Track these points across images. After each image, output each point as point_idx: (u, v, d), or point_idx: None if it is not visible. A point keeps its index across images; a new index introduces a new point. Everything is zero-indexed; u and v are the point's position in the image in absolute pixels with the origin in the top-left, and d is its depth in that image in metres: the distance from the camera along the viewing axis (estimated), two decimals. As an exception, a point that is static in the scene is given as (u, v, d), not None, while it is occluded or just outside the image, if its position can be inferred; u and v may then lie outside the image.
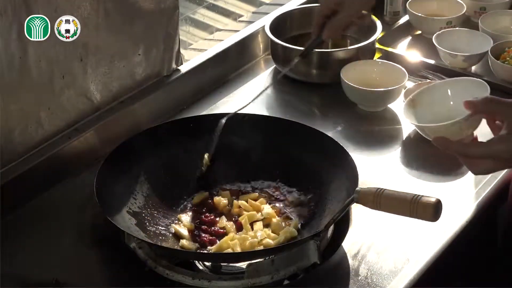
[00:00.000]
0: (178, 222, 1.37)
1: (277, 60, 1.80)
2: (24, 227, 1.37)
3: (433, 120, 1.17)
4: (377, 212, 1.25)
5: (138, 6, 1.54)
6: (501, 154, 1.08)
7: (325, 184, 1.38)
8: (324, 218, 1.33)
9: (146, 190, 1.40)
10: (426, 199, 1.19)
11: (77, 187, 1.45)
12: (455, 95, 1.19)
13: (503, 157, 1.09)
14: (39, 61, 1.38)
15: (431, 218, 1.21)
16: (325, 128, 1.57)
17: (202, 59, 1.74)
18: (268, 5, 2.48)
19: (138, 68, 1.60)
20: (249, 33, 1.84)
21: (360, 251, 1.31)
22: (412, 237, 1.34)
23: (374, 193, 1.24)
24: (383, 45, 1.86)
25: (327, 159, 1.40)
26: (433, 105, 1.21)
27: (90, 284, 1.27)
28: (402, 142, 1.60)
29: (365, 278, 1.26)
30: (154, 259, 1.26)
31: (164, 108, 1.66)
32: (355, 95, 1.67)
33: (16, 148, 1.41)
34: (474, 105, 1.10)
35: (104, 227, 1.28)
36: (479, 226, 1.40)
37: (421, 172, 1.51)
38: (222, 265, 1.29)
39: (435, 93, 1.22)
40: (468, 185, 1.46)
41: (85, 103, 1.52)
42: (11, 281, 1.25)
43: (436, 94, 1.22)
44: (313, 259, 1.25)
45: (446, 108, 1.19)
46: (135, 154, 1.42)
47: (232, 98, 1.74)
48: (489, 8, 1.96)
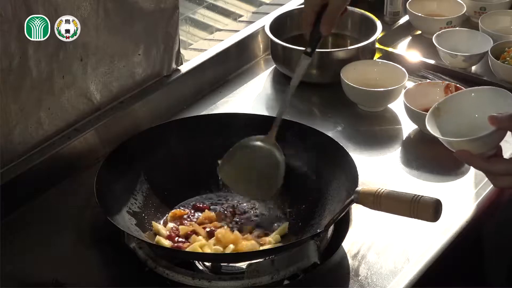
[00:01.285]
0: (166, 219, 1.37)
1: (277, 60, 1.80)
2: (24, 227, 1.37)
3: (457, 131, 1.16)
4: (377, 212, 1.25)
5: (138, 6, 1.54)
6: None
7: (325, 184, 1.38)
8: (324, 218, 1.33)
9: (146, 190, 1.40)
10: (426, 199, 1.19)
11: (77, 187, 1.45)
12: (480, 106, 1.17)
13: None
14: (39, 61, 1.38)
15: (431, 218, 1.21)
16: (325, 128, 1.57)
17: (202, 59, 1.74)
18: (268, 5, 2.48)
19: (138, 68, 1.60)
20: (249, 33, 1.84)
21: (360, 251, 1.31)
22: (412, 237, 1.34)
23: (374, 194, 1.24)
24: (383, 45, 1.86)
25: (327, 159, 1.40)
26: (458, 115, 1.19)
27: (90, 284, 1.27)
28: (402, 142, 1.60)
29: (365, 278, 1.26)
30: (154, 259, 1.26)
31: (164, 108, 1.66)
32: (355, 95, 1.67)
33: (16, 148, 1.41)
34: (499, 121, 1.09)
35: (104, 227, 1.28)
36: (479, 226, 1.40)
37: (421, 172, 1.51)
38: (222, 265, 1.29)
39: (461, 102, 1.20)
40: (468, 185, 1.47)
41: (85, 103, 1.52)
42: (11, 281, 1.25)
43: (461, 103, 1.19)
44: (313, 259, 1.25)
45: (470, 120, 1.17)
46: (135, 154, 1.42)
47: (232, 98, 1.74)
48: (489, 8, 1.96)
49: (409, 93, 1.62)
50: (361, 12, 1.81)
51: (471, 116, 1.18)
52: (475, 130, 1.12)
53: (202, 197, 1.44)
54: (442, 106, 1.19)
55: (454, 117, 1.19)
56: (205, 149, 1.46)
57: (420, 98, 1.61)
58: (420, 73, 1.77)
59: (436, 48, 1.80)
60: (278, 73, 1.81)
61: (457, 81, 1.69)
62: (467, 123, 1.17)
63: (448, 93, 1.62)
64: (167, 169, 1.44)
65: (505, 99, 1.14)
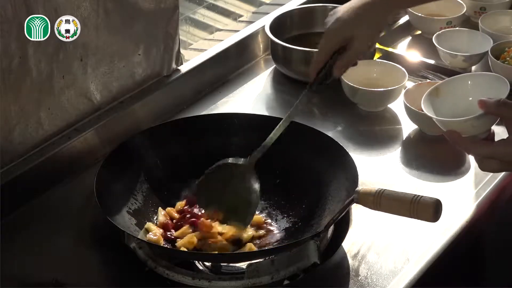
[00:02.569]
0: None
1: (277, 60, 1.80)
2: (24, 227, 1.37)
3: (452, 113, 1.18)
4: (377, 212, 1.25)
5: (138, 6, 1.54)
6: (505, 157, 1.10)
7: (325, 184, 1.38)
8: (324, 218, 1.33)
9: (145, 190, 1.40)
10: (426, 199, 1.19)
11: (77, 187, 1.45)
12: (475, 90, 1.19)
13: (506, 160, 1.10)
14: (39, 61, 1.38)
15: (431, 218, 1.21)
16: (325, 128, 1.57)
17: (202, 59, 1.74)
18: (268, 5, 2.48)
19: (138, 68, 1.60)
20: (249, 33, 1.84)
21: (360, 251, 1.31)
22: (412, 237, 1.34)
23: (374, 194, 1.24)
24: (383, 45, 1.86)
25: (327, 159, 1.40)
26: (455, 97, 1.20)
27: (90, 284, 1.27)
28: (402, 142, 1.60)
29: (365, 278, 1.26)
30: (154, 259, 1.26)
31: (164, 108, 1.66)
32: (355, 95, 1.67)
33: (16, 148, 1.41)
34: (486, 106, 1.10)
35: (104, 227, 1.28)
36: (479, 226, 1.40)
37: (421, 172, 1.51)
38: (222, 265, 1.30)
39: (459, 85, 1.21)
40: (468, 185, 1.47)
41: (85, 103, 1.52)
42: (11, 281, 1.25)
43: (459, 87, 1.21)
44: (313, 259, 1.25)
45: (465, 102, 1.19)
46: (135, 154, 1.42)
47: (232, 98, 1.74)
48: (489, 8, 1.96)
49: (409, 93, 1.62)
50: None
51: (467, 99, 1.19)
52: (469, 113, 1.13)
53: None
54: (442, 87, 1.21)
55: (451, 100, 1.20)
56: (205, 149, 1.46)
57: (420, 98, 1.59)
58: (420, 73, 1.77)
59: (436, 48, 1.80)
60: (278, 73, 1.81)
61: (457, 81, 1.68)
62: (463, 106, 1.18)
63: (448, 93, 1.62)
64: (167, 169, 1.44)
65: (501, 85, 1.16)
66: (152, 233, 1.30)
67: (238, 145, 1.48)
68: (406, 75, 1.67)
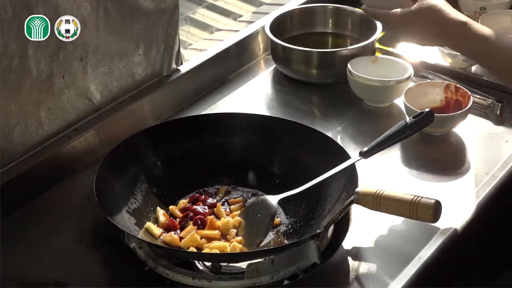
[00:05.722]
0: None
1: (277, 60, 1.80)
2: (24, 227, 1.37)
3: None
4: (377, 212, 1.25)
5: (138, 6, 1.54)
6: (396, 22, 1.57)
7: (325, 184, 1.38)
8: (324, 218, 1.33)
9: (145, 189, 1.40)
10: (425, 200, 1.19)
11: (77, 187, 1.45)
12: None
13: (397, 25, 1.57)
14: (39, 61, 1.38)
15: (431, 219, 1.21)
16: (325, 128, 1.57)
17: (202, 59, 1.74)
18: (268, 5, 2.47)
19: (138, 68, 1.60)
20: (249, 33, 1.84)
21: (360, 251, 1.31)
22: (412, 237, 1.34)
23: (373, 194, 1.24)
24: (383, 45, 1.85)
25: (327, 159, 1.40)
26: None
27: (90, 284, 1.27)
28: (402, 142, 1.59)
29: (365, 278, 1.26)
30: (154, 259, 1.26)
31: (164, 108, 1.66)
32: (363, 90, 1.66)
33: (16, 148, 1.41)
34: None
35: (104, 227, 1.28)
36: (479, 226, 1.40)
37: (421, 172, 1.51)
38: (222, 265, 1.30)
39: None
40: (468, 185, 1.46)
41: (85, 103, 1.52)
42: (11, 281, 1.25)
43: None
44: (313, 259, 1.25)
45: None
46: (135, 154, 1.42)
47: (232, 98, 1.74)
48: (489, 8, 1.96)
49: (409, 93, 1.61)
50: (361, 12, 1.81)
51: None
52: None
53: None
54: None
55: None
56: (205, 149, 1.46)
57: (420, 98, 1.61)
58: (420, 73, 1.77)
59: (436, 48, 1.80)
60: (278, 73, 1.81)
61: (457, 81, 1.68)
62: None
63: (448, 93, 1.62)
64: (166, 169, 1.44)
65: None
66: (157, 232, 1.31)
67: (238, 145, 1.48)
68: (411, 70, 1.66)
